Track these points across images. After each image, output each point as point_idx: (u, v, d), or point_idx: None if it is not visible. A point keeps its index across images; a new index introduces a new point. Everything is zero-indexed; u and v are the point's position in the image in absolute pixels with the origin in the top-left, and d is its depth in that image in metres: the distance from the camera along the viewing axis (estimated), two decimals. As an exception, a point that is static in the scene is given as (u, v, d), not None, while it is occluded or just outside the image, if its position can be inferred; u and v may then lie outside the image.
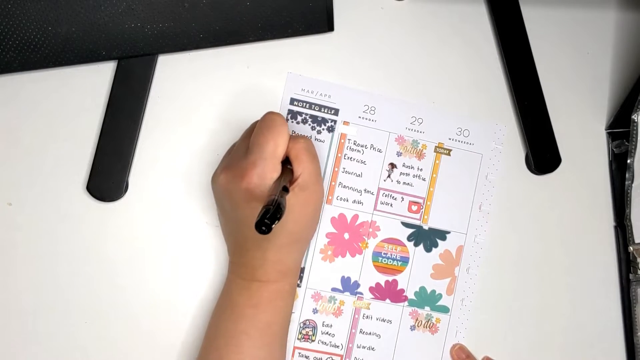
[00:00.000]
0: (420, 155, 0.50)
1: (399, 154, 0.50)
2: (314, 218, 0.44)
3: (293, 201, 0.40)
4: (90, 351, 0.46)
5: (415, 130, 0.51)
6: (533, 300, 0.51)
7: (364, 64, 0.51)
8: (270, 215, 0.34)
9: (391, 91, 0.51)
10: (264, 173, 0.39)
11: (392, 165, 0.50)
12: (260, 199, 0.39)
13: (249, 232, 0.39)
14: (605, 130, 0.53)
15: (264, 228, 0.34)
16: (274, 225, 0.34)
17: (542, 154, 0.51)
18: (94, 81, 0.47)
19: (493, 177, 0.51)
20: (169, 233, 0.47)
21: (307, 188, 0.41)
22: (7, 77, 0.46)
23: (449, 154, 0.51)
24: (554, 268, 0.51)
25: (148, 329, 0.47)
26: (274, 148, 0.40)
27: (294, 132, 0.49)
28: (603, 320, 0.51)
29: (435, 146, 0.51)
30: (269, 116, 0.41)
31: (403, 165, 0.50)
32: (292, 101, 0.49)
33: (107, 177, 0.46)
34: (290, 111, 0.49)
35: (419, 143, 0.51)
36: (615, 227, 0.52)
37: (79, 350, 0.46)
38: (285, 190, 0.38)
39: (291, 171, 0.42)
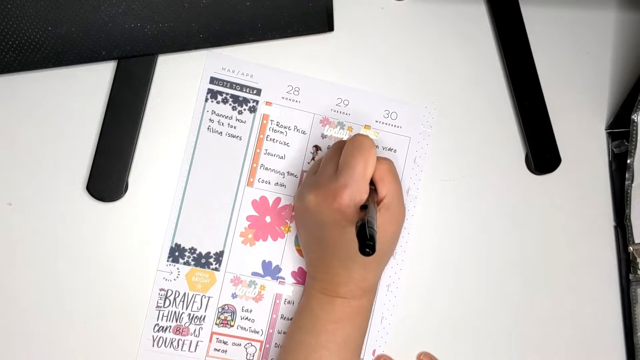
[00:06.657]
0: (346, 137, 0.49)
1: (323, 137, 0.49)
2: (397, 236, 0.45)
3: (379, 221, 0.40)
4: (91, 351, 0.46)
5: (341, 112, 0.50)
6: (533, 300, 0.51)
7: (364, 64, 0.51)
8: (370, 236, 0.34)
9: (391, 91, 0.50)
10: (355, 194, 0.40)
11: (317, 148, 0.49)
12: (350, 219, 0.40)
13: (336, 250, 0.41)
14: (605, 130, 0.53)
15: (368, 250, 0.33)
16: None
17: (542, 154, 0.51)
18: (94, 81, 0.47)
19: (422, 160, 0.50)
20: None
21: (391, 208, 0.42)
22: (7, 77, 0.46)
23: (376, 137, 0.50)
24: (554, 268, 0.51)
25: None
26: (364, 170, 0.40)
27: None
28: (603, 320, 0.51)
29: (362, 128, 0.50)
30: (358, 138, 0.42)
31: (328, 148, 0.49)
32: (212, 80, 0.48)
33: (107, 177, 0.46)
34: (210, 90, 0.48)
35: (344, 125, 0.50)
36: (615, 227, 0.52)
37: (79, 350, 0.46)
38: (372, 210, 0.38)
39: (375, 191, 0.42)
